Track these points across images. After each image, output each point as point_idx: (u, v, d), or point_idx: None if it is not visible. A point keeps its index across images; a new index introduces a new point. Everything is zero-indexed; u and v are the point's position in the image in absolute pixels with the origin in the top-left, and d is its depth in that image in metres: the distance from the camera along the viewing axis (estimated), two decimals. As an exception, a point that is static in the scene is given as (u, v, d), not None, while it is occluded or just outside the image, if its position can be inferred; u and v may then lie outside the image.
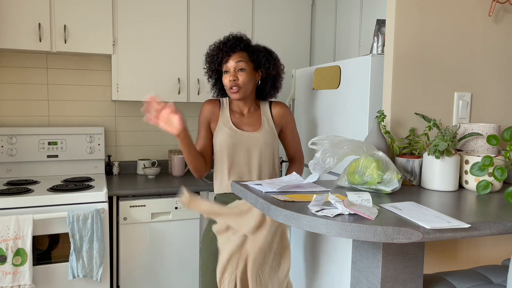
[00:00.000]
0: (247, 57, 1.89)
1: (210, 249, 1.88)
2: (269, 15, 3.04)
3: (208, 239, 1.90)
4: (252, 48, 1.92)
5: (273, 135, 1.95)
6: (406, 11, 1.62)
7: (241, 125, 1.93)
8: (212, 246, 1.88)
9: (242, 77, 1.86)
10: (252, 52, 1.90)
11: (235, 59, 1.86)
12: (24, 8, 2.48)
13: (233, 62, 1.86)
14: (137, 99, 2.77)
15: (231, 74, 1.86)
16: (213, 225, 1.87)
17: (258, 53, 1.91)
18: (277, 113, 1.99)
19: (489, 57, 1.77)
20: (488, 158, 1.39)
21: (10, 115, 2.83)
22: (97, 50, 2.65)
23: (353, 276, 1.33)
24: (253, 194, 1.30)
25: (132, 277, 2.52)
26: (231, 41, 1.89)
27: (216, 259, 1.86)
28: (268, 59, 1.92)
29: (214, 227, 1.85)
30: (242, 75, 1.86)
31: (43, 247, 2.29)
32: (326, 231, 1.02)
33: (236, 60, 1.86)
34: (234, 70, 1.86)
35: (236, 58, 1.86)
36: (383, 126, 1.58)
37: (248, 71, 1.87)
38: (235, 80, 1.85)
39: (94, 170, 2.94)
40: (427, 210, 1.14)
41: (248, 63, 1.88)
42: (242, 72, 1.86)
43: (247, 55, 1.89)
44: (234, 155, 1.89)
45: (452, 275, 1.36)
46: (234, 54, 1.86)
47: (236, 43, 1.88)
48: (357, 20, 2.65)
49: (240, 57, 1.87)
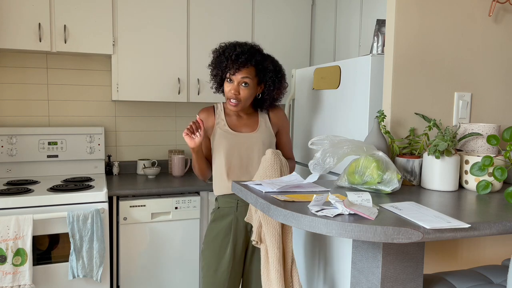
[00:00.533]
0: (254, 73, 1.87)
1: (213, 249, 1.89)
2: (269, 15, 3.04)
3: (210, 239, 1.91)
4: (262, 66, 1.90)
5: (270, 134, 1.96)
6: (406, 11, 1.62)
7: (237, 127, 1.94)
8: (215, 246, 1.88)
9: (244, 92, 1.86)
10: (260, 69, 1.89)
11: (241, 74, 1.84)
12: (24, 8, 2.48)
13: (239, 77, 1.85)
14: (137, 99, 2.77)
15: (233, 87, 1.85)
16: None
17: (266, 73, 1.90)
18: (274, 115, 2.02)
19: (489, 57, 1.77)
20: (488, 158, 1.39)
21: (10, 115, 2.83)
22: (97, 50, 2.65)
23: (353, 276, 1.33)
24: (253, 194, 1.30)
25: (132, 277, 2.52)
26: (245, 54, 1.85)
27: (219, 259, 1.86)
28: (274, 81, 1.92)
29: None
30: (245, 91, 1.86)
31: (43, 247, 2.29)
32: (326, 231, 1.02)
33: (243, 75, 1.85)
34: (237, 84, 1.85)
35: (243, 74, 1.85)
36: (383, 126, 1.58)
37: (251, 87, 1.87)
38: (237, 94, 1.85)
39: (94, 170, 2.94)
40: (427, 210, 1.14)
41: (253, 79, 1.87)
42: (245, 87, 1.86)
43: (255, 71, 1.88)
44: (232, 156, 1.89)
45: (452, 275, 1.36)
46: (242, 69, 1.84)
47: (248, 59, 1.85)
48: (357, 20, 2.65)
49: (248, 73, 1.85)
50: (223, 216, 1.92)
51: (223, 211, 1.92)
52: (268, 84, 1.92)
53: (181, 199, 2.58)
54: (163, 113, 3.20)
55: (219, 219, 1.92)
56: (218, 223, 1.92)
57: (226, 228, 1.90)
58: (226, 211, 1.91)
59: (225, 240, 1.89)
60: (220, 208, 1.93)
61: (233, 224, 1.89)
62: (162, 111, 3.19)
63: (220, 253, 1.88)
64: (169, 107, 3.21)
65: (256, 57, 1.88)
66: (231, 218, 1.90)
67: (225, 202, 1.91)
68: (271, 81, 1.91)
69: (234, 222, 1.89)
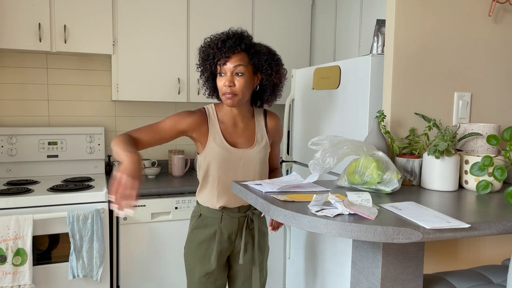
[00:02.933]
0: (247, 59, 1.68)
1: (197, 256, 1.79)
2: (269, 15, 3.04)
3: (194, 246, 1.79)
4: (253, 49, 1.70)
5: (266, 146, 1.82)
6: (406, 11, 1.62)
7: (234, 139, 1.77)
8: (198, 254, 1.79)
9: (240, 83, 1.66)
10: (253, 54, 1.69)
11: (233, 62, 1.65)
12: (24, 8, 2.48)
13: (231, 66, 1.65)
14: (137, 99, 2.77)
15: (227, 79, 1.66)
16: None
17: (260, 56, 1.70)
18: (272, 126, 1.86)
19: (489, 57, 1.77)
20: (488, 158, 1.39)
21: (10, 115, 2.83)
22: (97, 50, 2.65)
23: (353, 276, 1.33)
24: (253, 194, 1.30)
25: (132, 277, 2.52)
26: (231, 40, 1.66)
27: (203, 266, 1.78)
28: (270, 64, 1.71)
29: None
30: (240, 81, 1.66)
31: (43, 247, 2.29)
32: (326, 231, 1.02)
33: (235, 64, 1.65)
34: (231, 74, 1.66)
35: (235, 62, 1.65)
36: (383, 126, 1.58)
37: (246, 76, 1.67)
38: (231, 86, 1.65)
39: (94, 170, 2.94)
40: (427, 210, 1.14)
41: (247, 66, 1.67)
42: (239, 77, 1.66)
43: (247, 57, 1.68)
44: (227, 173, 1.74)
45: (452, 275, 1.36)
46: (233, 56, 1.65)
47: (236, 43, 1.66)
48: (357, 20, 2.65)
49: (240, 60, 1.66)
50: (206, 226, 1.79)
51: (206, 220, 1.79)
52: (264, 68, 1.70)
53: (181, 199, 2.58)
54: (163, 113, 3.20)
55: (201, 227, 1.80)
56: (201, 231, 1.79)
57: (210, 237, 1.78)
58: (209, 221, 1.79)
59: (209, 249, 1.78)
60: (203, 216, 1.80)
61: (217, 235, 1.77)
62: (162, 111, 3.19)
63: (204, 261, 1.78)
64: (169, 107, 3.21)
65: (245, 40, 1.69)
66: (215, 228, 1.78)
67: (210, 212, 1.79)
68: (267, 64, 1.70)
69: (218, 233, 1.77)
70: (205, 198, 1.80)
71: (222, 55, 1.65)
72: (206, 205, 1.80)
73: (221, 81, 1.68)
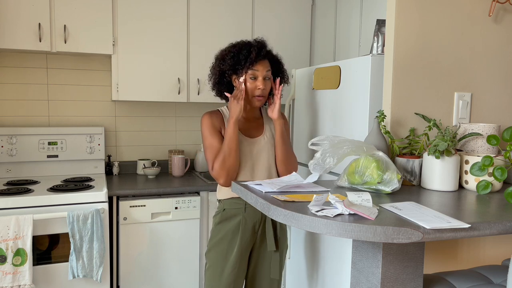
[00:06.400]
0: (269, 66, 1.90)
1: (220, 251, 1.87)
2: (269, 15, 3.04)
3: (216, 241, 1.88)
4: (274, 58, 1.93)
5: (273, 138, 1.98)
6: (406, 11, 1.62)
7: (246, 131, 1.93)
8: (221, 248, 1.86)
9: (268, 86, 1.89)
10: (273, 62, 1.92)
11: (266, 68, 1.86)
12: (24, 8, 2.48)
13: (264, 70, 1.85)
14: (137, 99, 2.77)
15: (261, 82, 1.85)
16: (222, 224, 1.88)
17: (278, 64, 1.95)
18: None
19: (489, 57, 1.77)
20: (488, 158, 1.39)
21: (10, 115, 2.83)
22: (97, 50, 2.65)
23: (353, 276, 1.33)
24: (253, 194, 1.30)
25: (132, 277, 2.52)
26: (264, 48, 1.88)
27: (225, 261, 1.85)
28: (283, 72, 1.97)
29: None
30: (268, 85, 1.88)
31: (43, 247, 2.29)
32: (326, 231, 1.02)
33: (267, 69, 1.86)
34: (263, 78, 1.85)
35: (267, 67, 1.86)
36: (383, 126, 1.58)
37: (271, 80, 1.90)
38: (263, 89, 1.85)
39: (94, 170, 2.94)
40: (427, 210, 1.14)
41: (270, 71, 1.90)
42: (267, 81, 1.88)
43: (269, 64, 1.91)
44: (242, 161, 1.88)
45: (452, 275, 1.36)
46: (265, 62, 1.86)
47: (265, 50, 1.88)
48: (357, 20, 2.65)
49: (268, 66, 1.88)
50: (231, 217, 1.88)
51: (230, 212, 1.88)
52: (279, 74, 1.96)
53: (181, 199, 2.58)
54: (163, 113, 3.20)
55: (225, 221, 1.88)
56: (225, 224, 1.88)
57: (233, 229, 1.87)
58: (233, 212, 1.88)
59: (233, 242, 1.86)
60: (226, 210, 1.89)
61: (241, 225, 1.86)
62: (162, 111, 3.19)
63: (227, 255, 1.86)
64: (169, 107, 3.21)
65: (267, 48, 1.92)
66: (240, 218, 1.87)
67: (233, 204, 1.88)
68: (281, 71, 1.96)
69: (242, 223, 1.86)
70: (227, 190, 1.89)
71: (258, 60, 1.84)
72: (229, 196, 1.89)
73: (252, 84, 1.86)
